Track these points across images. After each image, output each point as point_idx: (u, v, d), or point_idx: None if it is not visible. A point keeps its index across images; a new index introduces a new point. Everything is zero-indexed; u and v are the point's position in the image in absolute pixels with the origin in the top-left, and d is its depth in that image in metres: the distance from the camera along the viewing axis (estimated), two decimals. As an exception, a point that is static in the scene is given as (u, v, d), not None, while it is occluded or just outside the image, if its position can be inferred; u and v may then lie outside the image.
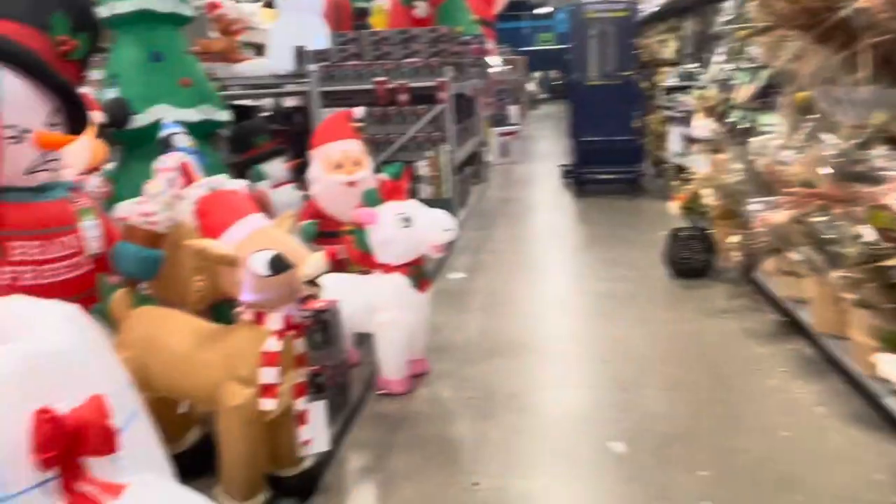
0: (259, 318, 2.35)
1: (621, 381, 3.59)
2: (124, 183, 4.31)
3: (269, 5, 7.99)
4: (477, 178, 9.53)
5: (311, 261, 2.28)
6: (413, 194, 6.11)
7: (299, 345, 2.42)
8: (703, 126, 6.31)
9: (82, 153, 4.26)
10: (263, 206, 4.77)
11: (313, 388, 3.04)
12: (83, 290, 2.57)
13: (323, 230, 4.52)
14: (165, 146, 4.33)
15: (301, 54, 6.65)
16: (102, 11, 4.49)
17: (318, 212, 4.55)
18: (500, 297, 5.07)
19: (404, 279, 3.38)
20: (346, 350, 3.53)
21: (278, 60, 6.66)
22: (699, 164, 6.33)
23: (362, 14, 9.42)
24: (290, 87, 6.89)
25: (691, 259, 5.20)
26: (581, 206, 8.34)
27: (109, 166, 4.89)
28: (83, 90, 4.99)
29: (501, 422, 3.22)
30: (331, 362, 3.21)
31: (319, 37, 7.13)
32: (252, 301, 2.32)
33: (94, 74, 7.17)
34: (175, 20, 4.77)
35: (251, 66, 6.70)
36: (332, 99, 6.88)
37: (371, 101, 6.67)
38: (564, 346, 4.14)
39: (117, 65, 4.98)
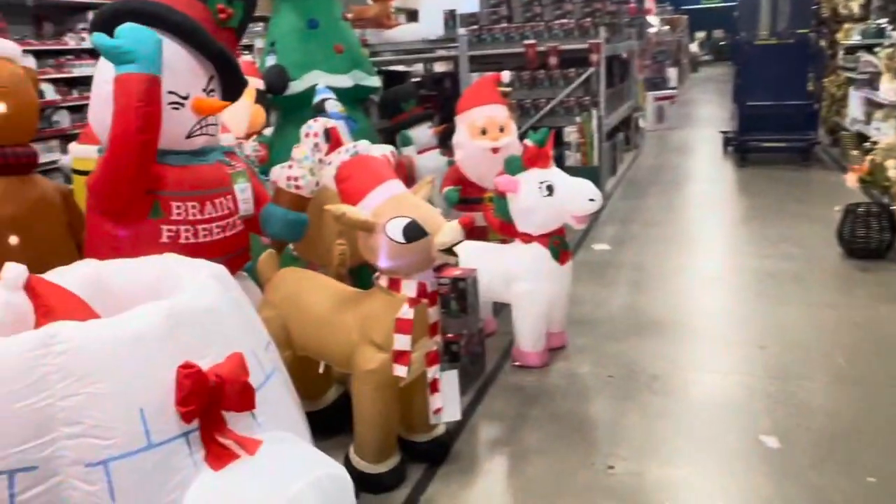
0: (394, 285, 2.35)
1: (779, 370, 3.29)
2: (280, 147, 4.49)
3: (422, -30, 8.00)
4: (629, 144, 9.14)
5: (447, 229, 2.24)
6: (559, 161, 5.95)
7: (433, 313, 2.41)
8: (891, 89, 5.62)
9: (242, 118, 4.49)
10: (408, 171, 4.82)
11: (447, 356, 3.05)
12: (235, 250, 2.69)
13: (465, 196, 4.51)
14: (318, 112, 4.47)
15: (451, 18, 6.61)
16: (263, -19, 4.63)
17: (462, 178, 4.53)
18: (647, 271, 4.83)
19: (544, 250, 3.27)
20: (483, 319, 3.50)
21: (429, 25, 6.66)
22: (884, 131, 5.65)
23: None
24: (440, 52, 6.89)
25: (869, 238, 4.67)
26: (743, 176, 7.75)
27: (267, 131, 5.15)
28: (245, 58, 5.28)
29: (642, 404, 3.07)
30: (466, 331, 3.20)
31: (471, 0, 7.05)
32: (387, 267, 2.33)
33: (257, 43, 7.55)
34: (331, -13, 4.85)
35: (402, 32, 6.75)
36: (481, 63, 6.80)
37: (521, 64, 6.53)
38: (716, 328, 3.87)
39: (276, 32, 5.18)
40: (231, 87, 2.73)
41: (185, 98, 2.50)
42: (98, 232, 2.53)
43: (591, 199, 3.12)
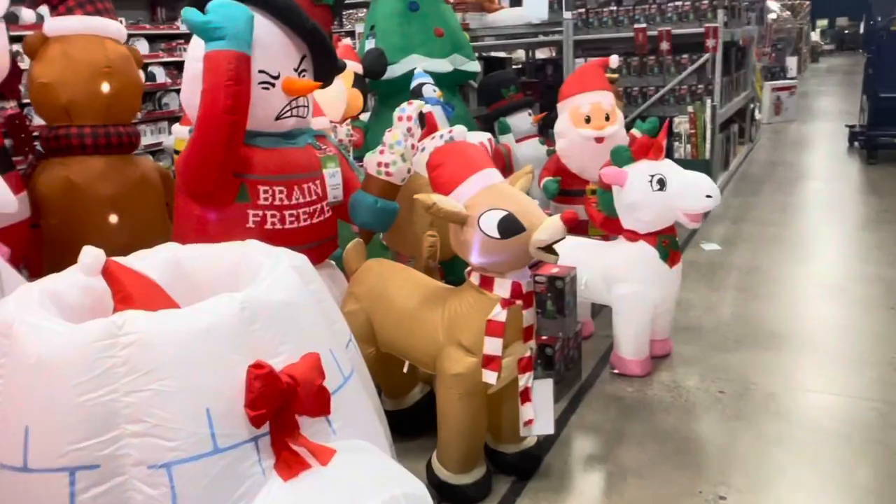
0: (486, 283, 2.15)
1: (919, 396, 2.90)
2: (376, 132, 4.40)
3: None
4: (743, 137, 8.55)
5: (547, 225, 2.01)
6: (667, 153, 5.58)
7: (528, 316, 2.19)
8: None
9: (338, 102, 4.40)
10: (506, 160, 4.61)
11: (541, 360, 2.84)
12: (323, 237, 2.58)
13: (566, 188, 4.27)
14: (415, 96, 4.34)
15: (557, 2, 6.32)
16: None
17: (563, 168, 4.30)
18: (762, 275, 4.42)
19: (652, 249, 2.99)
20: (580, 322, 3.26)
21: (533, 9, 6.39)
22: None
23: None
24: (543, 37, 6.62)
25: None
26: (871, 175, 7.08)
27: (365, 116, 5.07)
28: (345, 42, 5.21)
29: (756, 425, 2.75)
30: (562, 334, 2.96)
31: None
32: (479, 263, 2.14)
33: (358, 28, 7.51)
34: (434, -32, 4.69)
35: (505, 16, 6.53)
36: (586, 48, 6.51)
37: (629, 50, 6.18)
38: (842, 344, 3.45)
39: (376, 15, 5.09)
40: (324, 67, 2.60)
41: (276, 77, 2.39)
42: (185, 214, 2.46)
43: (708, 196, 2.82)
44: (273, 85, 2.39)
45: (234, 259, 1.96)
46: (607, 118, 4.08)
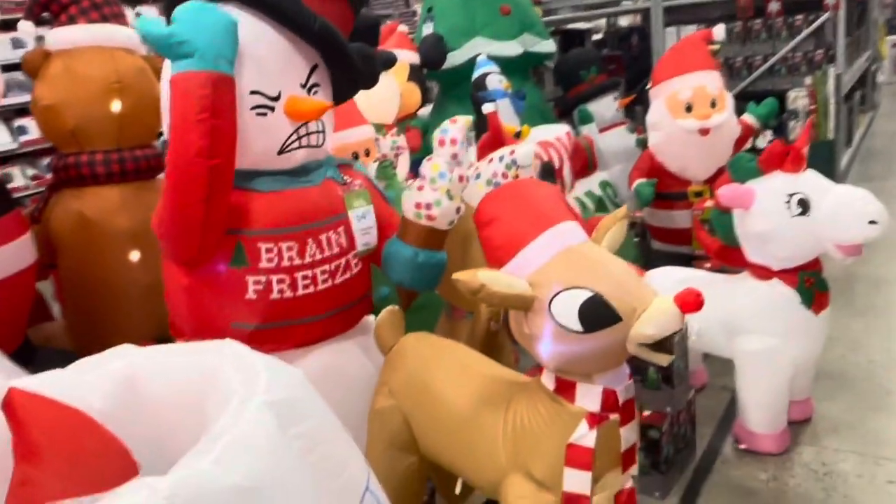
0: (564, 390, 1.49)
1: None
2: (440, 130, 3.84)
3: None
4: (864, 104, 7.42)
5: (655, 314, 1.33)
6: (781, 134, 4.71)
7: (627, 434, 1.52)
8: None
9: (390, 103, 3.83)
10: (588, 155, 3.90)
11: (643, 444, 2.16)
12: (351, 299, 1.98)
13: (662, 191, 3.56)
14: (478, 89, 3.73)
15: (642, -38, 5.49)
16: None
17: (658, 167, 3.58)
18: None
19: (790, 291, 2.24)
20: (691, 387, 2.51)
21: (615, -27, 5.60)
22: None
23: None
24: (627, 5, 5.82)
25: None
26: None
27: (424, 112, 4.50)
28: (401, 29, 4.60)
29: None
30: (671, 409, 2.26)
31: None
32: (554, 363, 1.48)
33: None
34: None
35: (582, -17, 5.76)
36: (678, 14, 5.67)
37: (729, 13, 5.30)
38: None
39: (435, -6, 4.51)
40: (344, 78, 1.99)
41: (276, 99, 1.80)
42: (173, 283, 1.91)
43: (872, 222, 2.05)
44: (272, 109, 1.80)
45: (203, 376, 1.38)
46: (714, 104, 3.33)
